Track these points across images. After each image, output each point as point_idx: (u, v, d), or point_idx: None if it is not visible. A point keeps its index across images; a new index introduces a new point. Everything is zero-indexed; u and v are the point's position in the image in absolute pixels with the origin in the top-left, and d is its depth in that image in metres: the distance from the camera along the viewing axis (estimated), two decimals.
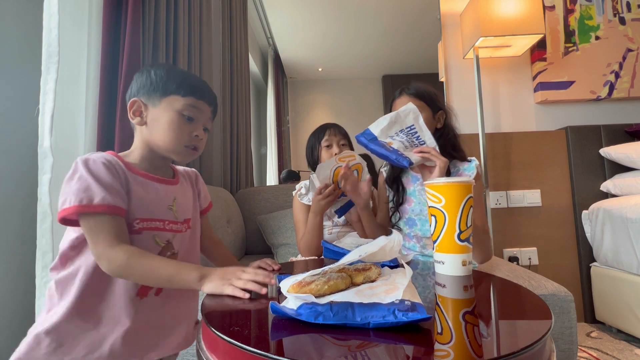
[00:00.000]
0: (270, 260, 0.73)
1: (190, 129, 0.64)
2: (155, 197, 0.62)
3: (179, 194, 0.67)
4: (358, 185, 1.03)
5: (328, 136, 1.17)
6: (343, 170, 1.01)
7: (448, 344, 0.37)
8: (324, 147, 1.17)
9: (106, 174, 0.56)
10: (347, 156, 1.06)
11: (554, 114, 2.00)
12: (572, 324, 0.89)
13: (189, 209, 0.69)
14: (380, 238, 0.65)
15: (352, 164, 1.04)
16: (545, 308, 0.48)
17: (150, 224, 0.60)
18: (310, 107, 2.37)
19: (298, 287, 0.48)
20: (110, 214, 0.54)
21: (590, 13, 1.97)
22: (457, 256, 0.62)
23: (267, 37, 2.43)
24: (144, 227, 0.59)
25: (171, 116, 0.62)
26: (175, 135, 0.63)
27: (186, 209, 0.68)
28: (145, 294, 0.60)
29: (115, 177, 0.57)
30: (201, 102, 0.65)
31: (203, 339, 0.46)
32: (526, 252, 1.84)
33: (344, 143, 1.19)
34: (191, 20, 1.32)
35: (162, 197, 0.63)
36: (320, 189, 1.02)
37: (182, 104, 0.63)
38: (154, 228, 0.60)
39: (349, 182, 1.01)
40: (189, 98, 0.63)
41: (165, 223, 0.62)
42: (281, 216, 1.54)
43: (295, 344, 0.39)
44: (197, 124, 0.65)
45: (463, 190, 0.62)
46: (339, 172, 1.02)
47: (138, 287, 0.59)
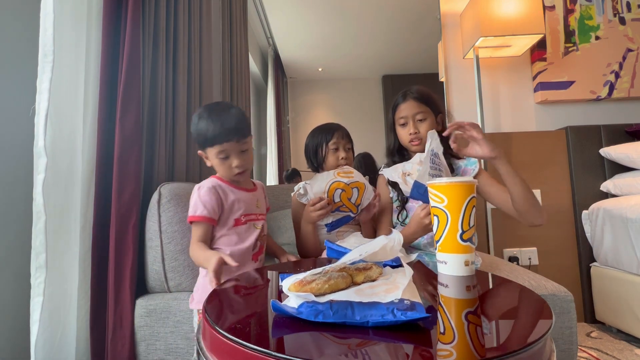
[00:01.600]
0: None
1: (228, 164, 0.88)
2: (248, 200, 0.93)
3: (259, 197, 0.99)
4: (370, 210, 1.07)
5: (336, 139, 1.15)
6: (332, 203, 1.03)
7: (450, 344, 0.37)
8: (331, 150, 1.15)
9: (208, 195, 0.86)
10: (346, 172, 1.05)
11: (554, 114, 2.00)
12: (572, 324, 0.89)
13: (264, 206, 1.01)
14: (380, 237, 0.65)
15: (352, 182, 1.03)
16: (546, 307, 0.48)
17: (249, 217, 0.92)
18: (310, 107, 2.37)
19: (299, 286, 0.48)
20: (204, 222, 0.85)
21: (590, 13, 1.97)
22: (460, 256, 0.62)
23: (267, 37, 2.43)
24: (247, 220, 0.91)
25: (214, 162, 0.89)
26: (223, 171, 0.90)
27: (263, 206, 1.00)
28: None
29: (215, 196, 0.87)
30: (226, 144, 0.85)
31: (203, 336, 0.46)
32: (526, 252, 1.84)
33: (349, 147, 1.18)
34: (191, 20, 1.32)
35: (251, 200, 0.94)
36: (313, 202, 1.01)
37: (215, 152, 0.86)
38: (252, 219, 0.93)
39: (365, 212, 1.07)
40: (216, 147, 0.86)
41: (257, 215, 0.94)
42: (281, 216, 1.54)
43: (295, 342, 0.40)
44: (231, 159, 0.87)
45: (465, 190, 0.62)
46: (335, 188, 1.01)
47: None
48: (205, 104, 1.41)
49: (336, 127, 1.18)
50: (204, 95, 1.41)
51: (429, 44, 2.12)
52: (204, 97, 1.41)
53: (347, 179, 1.03)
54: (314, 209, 1.01)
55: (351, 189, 1.02)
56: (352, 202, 1.03)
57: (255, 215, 0.94)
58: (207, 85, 1.43)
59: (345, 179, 1.03)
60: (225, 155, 0.86)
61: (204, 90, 1.41)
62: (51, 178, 0.85)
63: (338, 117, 2.33)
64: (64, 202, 0.89)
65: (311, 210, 1.01)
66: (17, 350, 0.85)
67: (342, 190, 1.02)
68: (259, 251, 0.93)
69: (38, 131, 0.83)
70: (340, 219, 1.06)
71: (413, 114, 1.06)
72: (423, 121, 1.06)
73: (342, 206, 1.03)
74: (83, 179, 0.93)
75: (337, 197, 1.02)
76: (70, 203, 0.90)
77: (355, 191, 1.03)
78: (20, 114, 0.91)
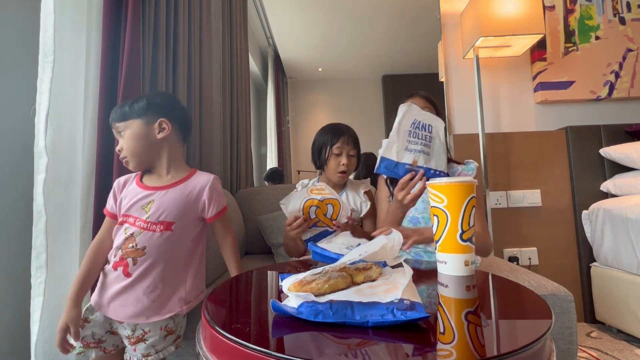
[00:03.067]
0: None
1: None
2: (134, 199, 0.79)
3: (161, 197, 0.80)
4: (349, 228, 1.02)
5: (340, 143, 1.14)
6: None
7: (450, 344, 0.37)
8: (333, 154, 1.14)
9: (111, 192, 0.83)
10: (319, 189, 1.03)
11: (554, 114, 2.00)
12: (572, 324, 0.89)
13: (170, 213, 0.79)
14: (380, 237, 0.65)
15: (326, 197, 1.01)
16: (546, 307, 0.48)
17: (127, 219, 0.79)
18: (310, 107, 2.37)
19: (299, 286, 0.48)
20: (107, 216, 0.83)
21: (590, 13, 1.97)
22: (460, 256, 0.62)
23: (267, 37, 2.43)
24: (124, 221, 0.79)
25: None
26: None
27: (165, 212, 0.79)
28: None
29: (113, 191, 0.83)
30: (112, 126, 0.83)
31: (203, 336, 0.46)
32: (526, 252, 1.84)
33: (353, 154, 1.17)
34: (191, 20, 1.32)
35: (141, 198, 0.79)
36: (290, 221, 1.00)
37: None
38: (128, 222, 0.78)
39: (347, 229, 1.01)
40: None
41: (136, 219, 0.78)
42: (281, 216, 1.54)
43: (295, 342, 0.40)
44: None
45: (465, 190, 0.62)
46: (309, 205, 1.00)
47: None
48: (205, 104, 1.42)
49: (344, 130, 1.17)
50: (204, 95, 1.41)
51: (429, 44, 2.12)
52: (204, 97, 1.41)
53: (320, 196, 1.01)
54: (290, 228, 0.99)
55: (325, 205, 1.01)
56: (328, 217, 1.01)
57: (134, 219, 0.78)
58: (207, 85, 1.43)
59: (318, 196, 1.01)
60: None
61: (204, 90, 1.41)
62: (51, 178, 0.85)
63: (338, 117, 2.33)
64: (64, 202, 0.89)
65: (289, 229, 1.00)
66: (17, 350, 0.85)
67: (317, 207, 1.01)
68: (120, 261, 0.76)
69: (39, 131, 0.83)
70: (319, 234, 1.05)
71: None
72: None
73: (319, 222, 1.02)
74: (83, 179, 0.93)
75: (313, 213, 1.01)
76: (70, 203, 0.90)
77: (329, 207, 1.01)
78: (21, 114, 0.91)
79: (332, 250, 0.83)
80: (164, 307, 0.77)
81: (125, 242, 0.76)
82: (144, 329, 0.76)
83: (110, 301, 0.76)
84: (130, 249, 0.76)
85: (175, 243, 0.79)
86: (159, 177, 0.84)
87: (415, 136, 0.90)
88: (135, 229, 0.77)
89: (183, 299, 0.80)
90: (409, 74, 2.30)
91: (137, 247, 0.76)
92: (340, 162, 1.14)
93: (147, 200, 0.79)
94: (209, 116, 1.44)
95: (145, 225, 0.77)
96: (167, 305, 0.78)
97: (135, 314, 0.75)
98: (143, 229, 0.77)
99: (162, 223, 0.78)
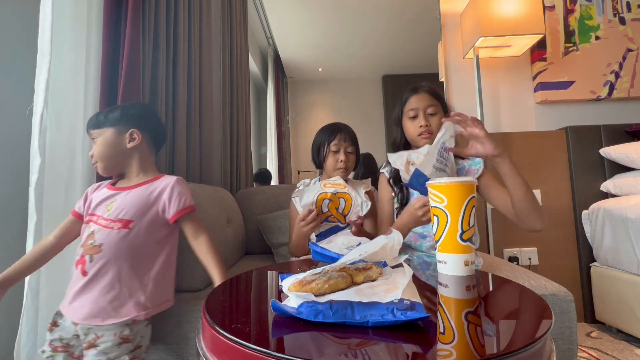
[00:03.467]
0: None
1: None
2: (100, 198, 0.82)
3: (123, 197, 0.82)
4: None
5: (337, 140, 1.14)
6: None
7: (450, 344, 0.37)
8: (331, 151, 1.15)
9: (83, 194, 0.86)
10: (334, 183, 1.03)
11: (554, 114, 2.00)
12: (572, 324, 0.89)
13: (128, 212, 0.80)
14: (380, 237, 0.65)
15: (339, 191, 1.01)
16: (546, 307, 0.48)
17: (92, 218, 0.81)
18: (310, 107, 2.37)
19: (299, 286, 0.48)
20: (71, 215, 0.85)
21: (590, 13, 1.97)
22: (460, 256, 0.62)
23: (267, 37, 2.43)
24: (89, 220, 0.81)
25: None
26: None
27: (124, 211, 0.80)
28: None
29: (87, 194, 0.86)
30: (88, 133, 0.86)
31: (203, 336, 0.46)
32: (526, 252, 1.84)
33: (350, 151, 1.17)
34: (191, 20, 1.32)
35: (105, 198, 0.82)
36: (303, 216, 0.99)
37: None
38: (92, 220, 0.80)
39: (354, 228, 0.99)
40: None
41: (98, 218, 0.80)
42: (281, 216, 1.54)
43: (295, 342, 0.40)
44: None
45: (465, 190, 0.62)
46: (322, 198, 1.00)
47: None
48: (205, 104, 1.42)
49: (341, 128, 1.17)
50: (204, 95, 1.41)
51: (429, 44, 2.12)
52: (203, 97, 1.41)
53: (333, 189, 1.02)
54: (305, 223, 0.98)
55: (338, 199, 1.01)
56: (340, 212, 1.02)
57: (97, 217, 0.80)
58: (207, 85, 1.43)
59: (331, 189, 1.02)
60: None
61: (204, 91, 1.41)
62: (49, 178, 0.85)
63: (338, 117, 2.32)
64: (64, 202, 0.89)
65: (302, 225, 0.99)
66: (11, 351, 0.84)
67: (330, 200, 1.01)
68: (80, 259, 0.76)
69: (34, 132, 0.83)
70: (330, 229, 1.05)
71: (424, 107, 1.03)
72: (434, 115, 1.03)
73: (330, 216, 1.03)
74: (83, 179, 0.93)
75: (325, 207, 1.01)
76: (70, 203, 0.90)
77: (342, 201, 1.01)
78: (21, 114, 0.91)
79: (332, 250, 0.83)
80: (120, 309, 0.75)
81: (86, 240, 0.78)
82: (97, 333, 0.73)
83: (71, 302, 0.76)
84: (89, 245, 0.77)
85: (134, 243, 0.79)
86: (129, 181, 0.88)
87: (441, 155, 0.91)
88: (96, 227, 0.79)
89: (142, 304, 0.77)
90: (409, 74, 2.30)
91: (94, 244, 0.77)
92: (338, 159, 1.14)
93: (111, 200, 0.82)
94: (209, 116, 1.44)
95: (106, 222, 0.79)
96: (123, 308, 0.75)
97: (90, 314, 0.73)
98: (103, 226, 0.79)
99: (120, 221, 0.79)
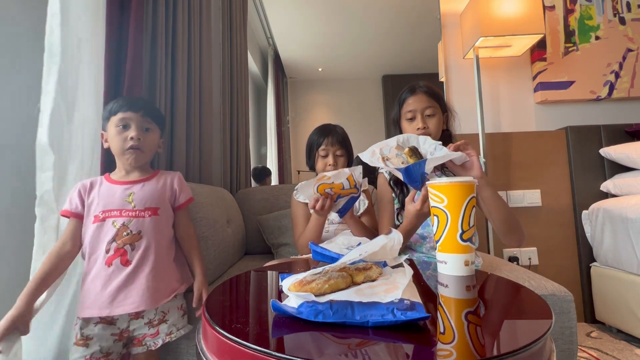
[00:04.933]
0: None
1: (126, 135, 0.84)
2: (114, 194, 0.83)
3: (140, 189, 0.85)
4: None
5: (325, 145, 1.14)
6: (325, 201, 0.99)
7: (450, 344, 0.37)
8: (320, 155, 1.15)
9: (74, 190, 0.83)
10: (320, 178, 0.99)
11: (554, 114, 2.00)
12: (572, 324, 0.89)
13: (152, 201, 0.85)
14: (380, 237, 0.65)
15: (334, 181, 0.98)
16: (546, 307, 0.48)
17: (109, 214, 0.81)
18: (310, 107, 2.37)
19: (299, 286, 0.48)
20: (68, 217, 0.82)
21: (590, 13, 1.97)
22: (460, 256, 0.62)
23: (267, 37, 2.43)
24: (106, 216, 0.80)
25: (112, 133, 0.85)
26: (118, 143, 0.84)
27: (148, 200, 0.85)
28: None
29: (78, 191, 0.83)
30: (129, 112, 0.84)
31: (203, 336, 0.46)
32: (526, 252, 1.84)
33: (340, 154, 1.16)
34: (191, 20, 1.32)
35: (120, 194, 0.83)
36: (313, 205, 0.99)
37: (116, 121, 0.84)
38: (112, 216, 0.81)
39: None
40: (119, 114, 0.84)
41: (122, 211, 0.81)
42: (281, 216, 1.54)
43: (295, 342, 0.40)
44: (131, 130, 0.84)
45: (465, 190, 0.62)
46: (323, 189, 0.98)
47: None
48: (205, 104, 1.42)
49: (329, 130, 1.17)
50: (204, 95, 1.41)
51: (429, 44, 2.12)
52: (203, 97, 1.41)
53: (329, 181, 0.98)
54: (319, 207, 0.98)
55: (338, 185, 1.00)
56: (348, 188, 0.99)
57: (119, 212, 0.81)
58: (206, 86, 1.43)
59: (328, 181, 0.99)
60: (124, 123, 0.84)
61: (204, 91, 1.41)
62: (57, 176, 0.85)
63: (338, 117, 2.33)
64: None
65: (317, 210, 0.99)
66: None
67: (331, 188, 0.99)
68: (115, 253, 0.78)
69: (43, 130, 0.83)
70: (347, 202, 1.02)
71: (422, 108, 1.02)
72: (432, 117, 1.02)
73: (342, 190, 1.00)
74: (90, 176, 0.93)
75: (330, 191, 1.00)
76: None
77: (345, 182, 0.98)
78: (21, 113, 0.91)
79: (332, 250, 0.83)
80: (168, 287, 0.83)
81: (119, 233, 0.79)
82: (164, 310, 0.82)
83: (115, 298, 0.76)
84: (126, 236, 0.79)
85: (162, 227, 0.86)
86: (127, 174, 0.88)
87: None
88: (124, 219, 0.80)
89: (179, 279, 0.87)
90: (409, 74, 2.30)
91: (132, 233, 0.80)
92: (327, 162, 1.15)
93: (127, 193, 0.84)
94: (208, 116, 1.44)
95: (134, 213, 0.82)
96: (172, 285, 0.84)
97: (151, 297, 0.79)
98: (132, 217, 0.81)
99: (149, 209, 0.84)
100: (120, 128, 0.84)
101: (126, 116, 0.84)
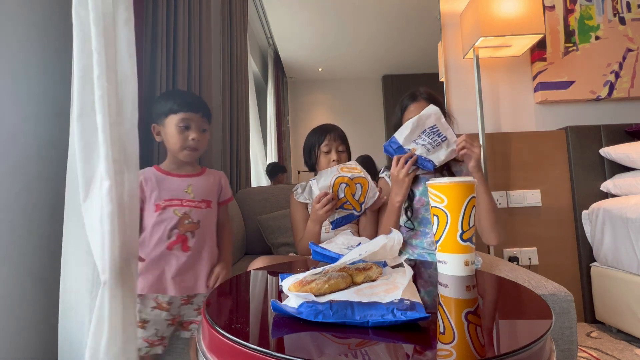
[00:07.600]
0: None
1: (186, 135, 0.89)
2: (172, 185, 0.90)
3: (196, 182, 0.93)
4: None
5: (328, 141, 1.16)
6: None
7: (450, 344, 0.37)
8: (322, 152, 1.17)
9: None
10: (350, 167, 1.06)
11: (554, 114, 2.00)
12: (572, 324, 0.89)
13: (207, 194, 0.93)
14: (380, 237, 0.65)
15: (356, 176, 1.04)
16: (546, 307, 0.48)
17: (171, 202, 0.87)
18: (310, 107, 2.37)
19: (299, 286, 0.48)
20: None
21: (590, 13, 1.97)
22: (460, 256, 0.62)
23: (267, 37, 2.43)
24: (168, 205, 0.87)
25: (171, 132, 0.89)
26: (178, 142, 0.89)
27: (203, 193, 0.92)
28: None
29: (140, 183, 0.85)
30: (190, 113, 0.89)
31: (203, 336, 0.46)
32: (526, 252, 1.84)
33: (342, 149, 1.18)
34: (191, 20, 1.32)
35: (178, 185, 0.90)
36: (319, 197, 1.01)
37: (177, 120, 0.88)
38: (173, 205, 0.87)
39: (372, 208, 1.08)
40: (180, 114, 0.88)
41: (182, 201, 0.89)
42: (281, 216, 1.54)
43: (295, 342, 0.40)
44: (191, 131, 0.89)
45: (465, 190, 0.62)
46: (339, 182, 1.02)
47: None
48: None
49: (330, 128, 1.19)
50: (204, 95, 1.41)
51: (429, 44, 2.12)
52: (203, 97, 1.41)
53: (350, 174, 1.04)
54: (320, 205, 1.01)
55: (355, 184, 1.03)
56: (356, 199, 1.04)
57: (179, 201, 0.89)
58: (206, 85, 1.43)
59: (348, 174, 1.04)
60: (186, 124, 0.89)
61: (204, 90, 1.41)
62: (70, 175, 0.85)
63: (338, 117, 2.33)
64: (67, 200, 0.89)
65: (318, 207, 1.01)
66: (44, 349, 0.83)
67: (346, 184, 1.03)
68: (177, 239, 0.86)
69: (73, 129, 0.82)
70: (345, 217, 1.07)
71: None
72: None
73: (346, 203, 1.04)
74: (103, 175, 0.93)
75: (342, 192, 1.03)
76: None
77: (358, 187, 1.04)
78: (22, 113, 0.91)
79: (332, 250, 0.83)
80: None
81: (181, 220, 0.87)
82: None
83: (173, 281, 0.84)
84: (187, 224, 0.87)
85: (213, 219, 0.95)
86: (178, 168, 0.94)
87: (427, 135, 0.98)
88: (186, 209, 0.88)
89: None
90: (409, 74, 2.30)
91: (193, 222, 0.88)
92: (330, 158, 1.16)
93: (186, 185, 0.91)
94: None
95: (194, 204, 0.90)
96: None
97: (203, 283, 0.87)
98: (193, 207, 0.89)
99: (205, 201, 0.92)
100: (181, 128, 0.88)
101: (187, 117, 0.89)
